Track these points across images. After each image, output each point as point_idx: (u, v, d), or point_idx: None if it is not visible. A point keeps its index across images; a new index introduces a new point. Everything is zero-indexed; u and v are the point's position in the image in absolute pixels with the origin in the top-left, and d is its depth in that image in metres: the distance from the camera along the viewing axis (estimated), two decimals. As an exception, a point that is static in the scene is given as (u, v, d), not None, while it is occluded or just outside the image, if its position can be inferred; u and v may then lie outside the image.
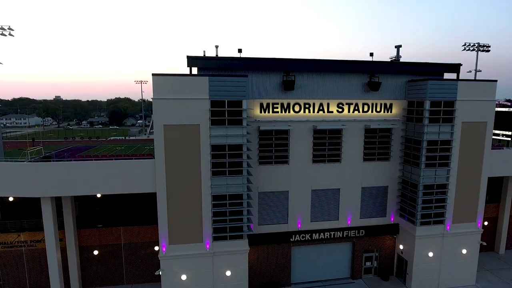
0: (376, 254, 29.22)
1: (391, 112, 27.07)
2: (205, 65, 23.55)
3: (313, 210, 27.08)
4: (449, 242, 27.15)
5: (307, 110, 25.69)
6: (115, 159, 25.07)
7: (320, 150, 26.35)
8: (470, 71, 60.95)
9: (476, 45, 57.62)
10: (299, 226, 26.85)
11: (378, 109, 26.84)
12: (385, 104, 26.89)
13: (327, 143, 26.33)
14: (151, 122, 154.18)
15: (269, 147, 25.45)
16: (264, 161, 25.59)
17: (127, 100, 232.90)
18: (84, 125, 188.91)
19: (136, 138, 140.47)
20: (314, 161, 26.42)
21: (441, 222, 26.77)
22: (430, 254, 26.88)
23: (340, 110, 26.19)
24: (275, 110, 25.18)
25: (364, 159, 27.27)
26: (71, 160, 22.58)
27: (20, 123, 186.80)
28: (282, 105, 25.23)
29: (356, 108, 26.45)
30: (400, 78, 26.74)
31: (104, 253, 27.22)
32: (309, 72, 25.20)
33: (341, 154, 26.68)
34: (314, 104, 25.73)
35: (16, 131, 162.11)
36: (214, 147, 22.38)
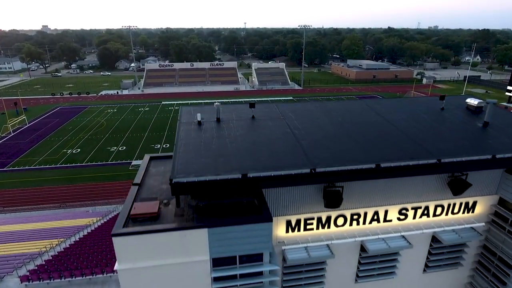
0: None
1: (473, 212, 18.74)
2: (200, 190, 14.54)
3: (349, 331, 20.71)
4: None
5: (355, 223, 17.42)
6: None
7: (368, 271, 18.79)
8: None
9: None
10: None
11: (456, 211, 18.48)
12: (467, 203, 18.42)
13: (378, 261, 18.65)
14: (143, 78, 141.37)
15: (297, 282, 17.77)
16: (289, 291, 18.23)
17: (117, 38, 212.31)
18: (74, 70, 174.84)
19: (129, 92, 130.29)
20: (357, 281, 19.08)
21: None
22: None
23: (403, 217, 17.88)
24: (308, 227, 16.93)
25: (425, 270, 19.89)
26: None
27: (5, 68, 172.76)
28: (319, 220, 16.89)
29: (425, 212, 18.09)
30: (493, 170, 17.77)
31: None
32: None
33: (396, 270, 19.20)
34: (366, 214, 17.36)
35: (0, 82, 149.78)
36: (220, 321, 14.82)
